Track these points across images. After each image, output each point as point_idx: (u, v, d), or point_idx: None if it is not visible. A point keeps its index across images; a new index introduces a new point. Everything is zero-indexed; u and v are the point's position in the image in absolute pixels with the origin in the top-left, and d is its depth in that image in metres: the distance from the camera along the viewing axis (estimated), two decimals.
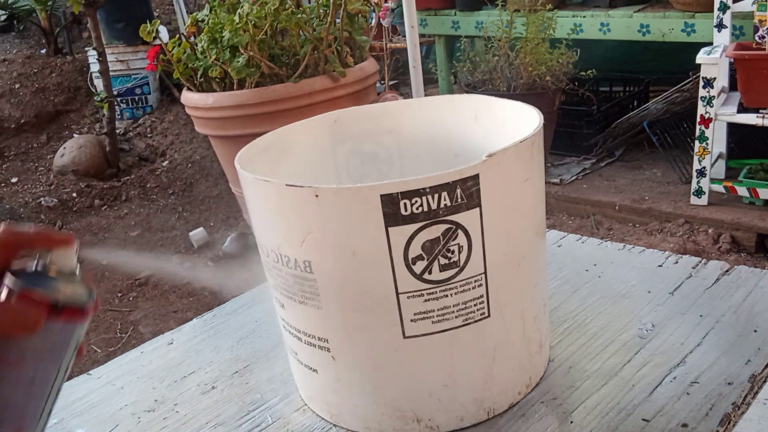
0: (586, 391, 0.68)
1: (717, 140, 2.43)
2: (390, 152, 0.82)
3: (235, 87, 1.91)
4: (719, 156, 2.51)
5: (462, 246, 0.57)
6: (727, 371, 0.68)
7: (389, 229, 0.56)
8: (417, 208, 0.55)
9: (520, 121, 0.68)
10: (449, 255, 0.57)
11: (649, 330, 0.76)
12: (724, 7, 2.30)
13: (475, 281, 0.59)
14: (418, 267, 0.57)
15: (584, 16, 2.86)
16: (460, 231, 0.57)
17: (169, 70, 2.01)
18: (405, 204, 0.55)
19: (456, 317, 0.60)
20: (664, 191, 2.59)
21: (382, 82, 3.12)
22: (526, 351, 0.67)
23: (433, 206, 0.55)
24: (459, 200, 0.56)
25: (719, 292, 0.83)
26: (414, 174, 0.55)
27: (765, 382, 0.68)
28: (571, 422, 0.64)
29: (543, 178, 0.66)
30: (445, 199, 0.55)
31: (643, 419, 0.63)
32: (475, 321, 0.61)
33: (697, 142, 2.35)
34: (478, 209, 0.57)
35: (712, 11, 2.35)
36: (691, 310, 0.80)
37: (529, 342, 0.67)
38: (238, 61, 1.85)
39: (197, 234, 2.80)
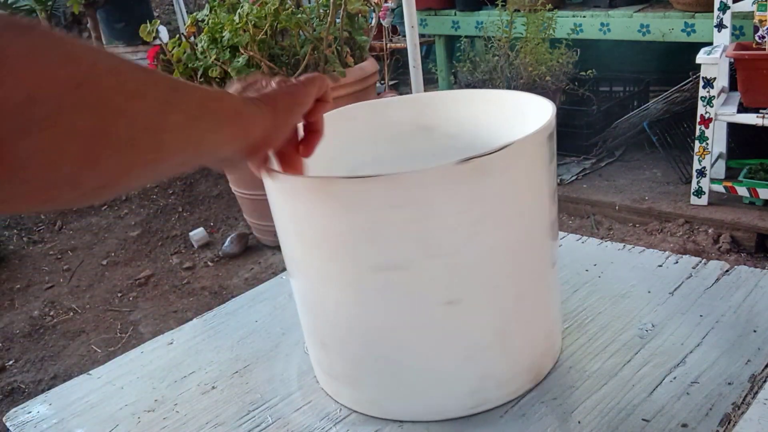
0: (586, 391, 0.68)
1: (717, 140, 2.43)
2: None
3: None
4: (719, 156, 2.51)
5: None
6: (727, 371, 0.68)
7: None
8: None
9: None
10: None
11: (649, 330, 0.76)
12: (724, 7, 2.30)
13: None
14: None
15: (584, 16, 2.86)
16: None
17: (169, 70, 2.01)
18: None
19: None
20: (664, 191, 2.59)
21: (382, 82, 3.13)
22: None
23: None
24: None
25: (719, 292, 0.83)
26: None
27: (765, 382, 0.68)
28: (571, 422, 0.64)
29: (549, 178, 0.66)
30: None
31: (643, 419, 0.63)
32: None
33: (697, 142, 2.35)
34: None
35: (712, 11, 2.34)
36: (691, 310, 0.79)
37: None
38: (238, 61, 1.85)
39: (197, 234, 2.79)
